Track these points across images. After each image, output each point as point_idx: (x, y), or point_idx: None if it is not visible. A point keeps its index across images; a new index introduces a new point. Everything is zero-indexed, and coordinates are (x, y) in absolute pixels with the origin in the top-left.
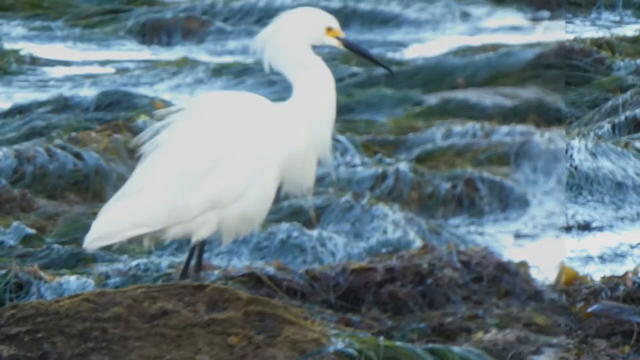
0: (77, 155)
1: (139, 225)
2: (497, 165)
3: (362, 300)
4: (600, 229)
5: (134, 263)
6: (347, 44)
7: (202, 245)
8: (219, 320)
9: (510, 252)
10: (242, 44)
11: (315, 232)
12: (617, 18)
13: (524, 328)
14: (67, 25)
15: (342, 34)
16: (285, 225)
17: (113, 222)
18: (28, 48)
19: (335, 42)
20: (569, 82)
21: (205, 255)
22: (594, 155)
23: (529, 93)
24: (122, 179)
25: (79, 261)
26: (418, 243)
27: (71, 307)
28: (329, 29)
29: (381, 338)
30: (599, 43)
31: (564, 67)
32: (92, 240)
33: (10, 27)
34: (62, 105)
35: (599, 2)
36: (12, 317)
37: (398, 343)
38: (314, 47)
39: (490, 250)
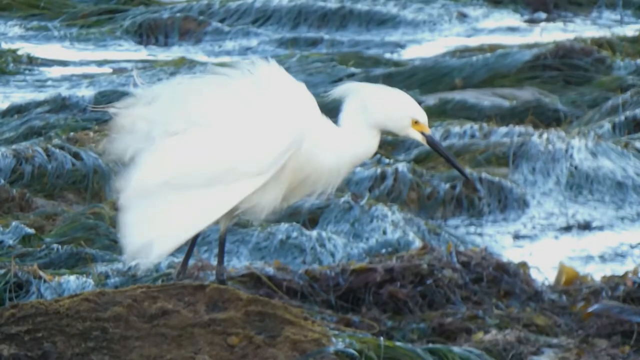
0: (76, 155)
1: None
2: (496, 166)
3: (362, 300)
4: (600, 228)
5: (133, 263)
6: (430, 141)
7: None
8: (219, 320)
9: (509, 252)
10: (239, 44)
11: (314, 233)
12: (618, 18)
13: (524, 328)
14: (64, 25)
15: (428, 131)
16: (284, 226)
17: (148, 173)
18: (25, 48)
19: (419, 137)
20: (570, 81)
21: (205, 256)
22: (594, 154)
23: (527, 94)
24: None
25: (78, 261)
26: (417, 243)
27: (71, 307)
28: (416, 122)
29: (381, 338)
30: (599, 42)
31: (561, 68)
32: (130, 195)
33: (7, 27)
34: (60, 105)
35: (599, 2)
36: (12, 316)
37: (398, 343)
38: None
39: (489, 250)
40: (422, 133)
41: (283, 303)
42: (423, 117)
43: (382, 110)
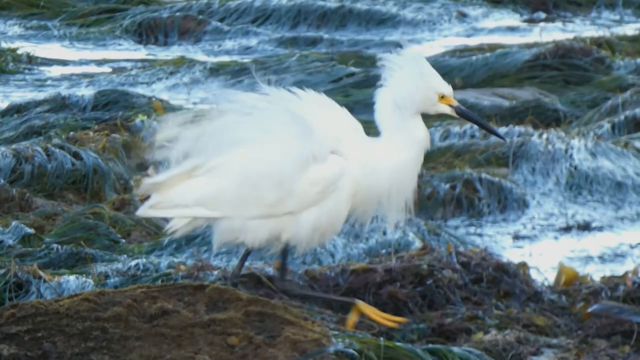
0: (76, 155)
1: (202, 204)
2: (496, 166)
3: (361, 300)
4: (600, 229)
5: (133, 263)
6: (460, 112)
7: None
8: (219, 320)
9: (509, 253)
10: (239, 43)
11: None
12: (617, 17)
13: (524, 329)
14: (64, 24)
15: (455, 102)
16: None
17: (177, 193)
18: (25, 47)
19: (448, 110)
20: (569, 81)
21: (205, 256)
22: (593, 154)
23: (527, 94)
24: (120, 179)
25: (78, 261)
26: (417, 244)
27: (71, 307)
28: (442, 97)
29: (381, 338)
30: (599, 42)
31: (561, 67)
32: (149, 208)
33: (6, 27)
34: (60, 104)
35: (599, 2)
36: (12, 316)
37: (398, 343)
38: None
39: (489, 251)
40: (450, 105)
41: (283, 303)
42: (448, 90)
43: (411, 97)
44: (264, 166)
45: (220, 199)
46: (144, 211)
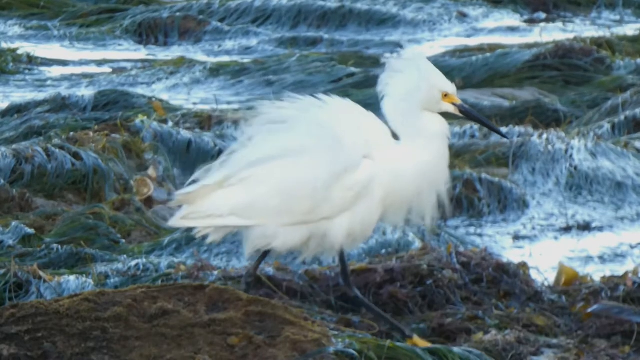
0: (76, 155)
1: (236, 214)
2: (496, 167)
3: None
4: (600, 229)
5: (133, 263)
6: (463, 110)
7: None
8: (219, 321)
9: (509, 253)
10: (239, 44)
11: None
12: (618, 17)
13: (524, 329)
14: (64, 24)
15: (459, 101)
16: None
17: (210, 203)
18: (25, 47)
19: (451, 108)
20: (569, 81)
21: (205, 256)
22: (593, 155)
23: (527, 94)
24: (120, 179)
25: (78, 261)
26: (417, 244)
27: (71, 307)
28: (445, 95)
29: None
30: (599, 42)
31: (561, 68)
32: (181, 218)
33: (7, 27)
34: (60, 104)
35: (599, 2)
36: (12, 316)
37: (398, 343)
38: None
39: (489, 251)
40: (454, 104)
41: (283, 303)
42: (452, 88)
43: (415, 98)
44: (299, 178)
45: (255, 209)
46: (176, 222)
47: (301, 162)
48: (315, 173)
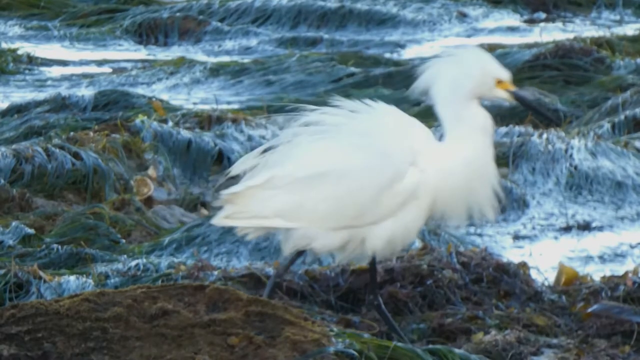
0: (76, 155)
1: (281, 216)
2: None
3: (362, 301)
4: (600, 228)
5: (133, 263)
6: (518, 96)
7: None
8: (219, 321)
9: (509, 253)
10: (239, 44)
11: None
12: (617, 17)
13: (524, 329)
14: (64, 24)
15: (513, 87)
16: None
17: (254, 204)
18: (25, 47)
19: (505, 95)
20: (569, 81)
21: (205, 256)
22: (593, 154)
23: (527, 94)
24: (120, 179)
25: (78, 261)
26: (417, 244)
27: (71, 307)
28: (499, 82)
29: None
30: (599, 42)
31: (561, 67)
32: (224, 217)
33: (6, 27)
34: (60, 104)
35: (599, 2)
36: (12, 316)
37: (398, 343)
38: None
39: (489, 251)
40: (508, 90)
41: (283, 303)
42: (506, 75)
43: (468, 82)
44: (347, 187)
45: (301, 213)
46: (219, 221)
47: (349, 171)
48: (363, 182)
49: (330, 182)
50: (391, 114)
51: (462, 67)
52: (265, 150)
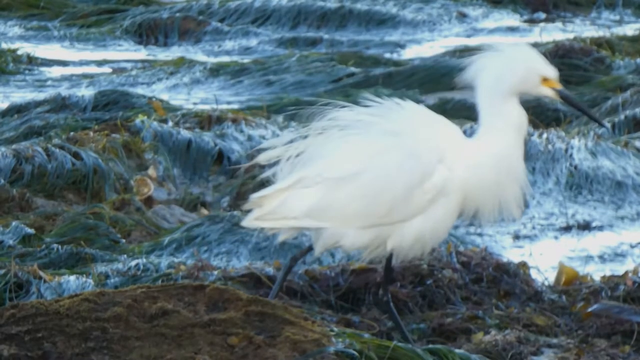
0: (76, 155)
1: (311, 217)
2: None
3: (362, 300)
4: (600, 228)
5: (133, 263)
6: (563, 96)
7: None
8: (219, 321)
9: (509, 252)
10: (239, 44)
11: None
12: (617, 17)
13: (524, 328)
14: (64, 25)
15: (559, 86)
16: None
17: (284, 205)
18: (25, 48)
19: (551, 93)
20: (569, 81)
21: (205, 256)
22: (593, 154)
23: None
24: (120, 179)
25: (78, 261)
26: None
27: (71, 307)
28: (545, 79)
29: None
30: (599, 42)
31: (561, 67)
32: (255, 219)
33: (6, 27)
34: (60, 104)
35: (599, 2)
36: (13, 316)
37: (398, 343)
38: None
39: (489, 251)
40: (553, 89)
41: (283, 303)
42: (552, 73)
43: (512, 77)
44: (377, 186)
45: (330, 213)
46: (250, 222)
47: (379, 171)
48: (392, 182)
49: (360, 182)
50: (420, 113)
51: (507, 61)
52: (291, 141)
